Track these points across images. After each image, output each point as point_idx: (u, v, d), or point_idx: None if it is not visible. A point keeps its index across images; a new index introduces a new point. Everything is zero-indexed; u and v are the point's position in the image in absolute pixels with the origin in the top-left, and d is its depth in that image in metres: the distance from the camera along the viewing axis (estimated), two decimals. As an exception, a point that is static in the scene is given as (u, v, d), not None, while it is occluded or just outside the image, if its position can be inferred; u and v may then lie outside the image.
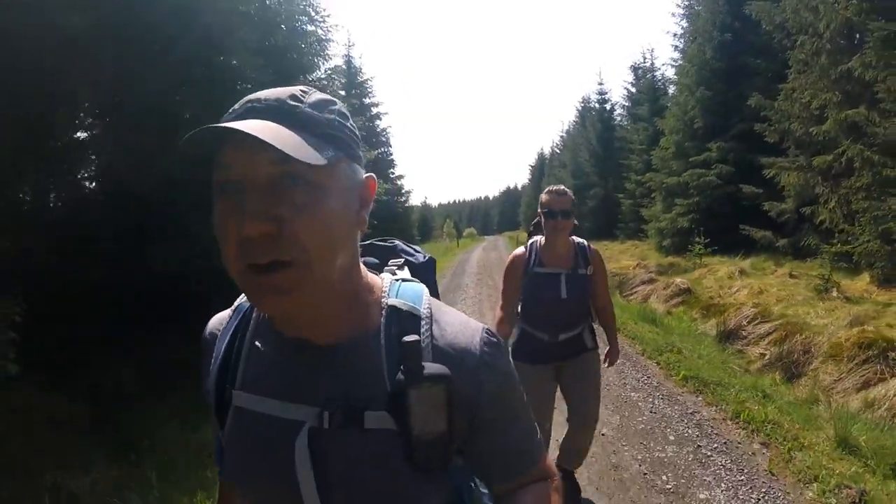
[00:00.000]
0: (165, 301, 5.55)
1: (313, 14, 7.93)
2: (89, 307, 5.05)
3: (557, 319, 3.32)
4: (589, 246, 3.40)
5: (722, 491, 3.97)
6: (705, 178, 17.44)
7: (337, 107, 0.88)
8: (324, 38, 8.31)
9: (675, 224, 18.63)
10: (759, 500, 3.84)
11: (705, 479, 4.15)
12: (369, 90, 26.13)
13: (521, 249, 3.44)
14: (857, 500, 3.66)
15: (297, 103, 0.83)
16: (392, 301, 0.95)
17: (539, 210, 3.32)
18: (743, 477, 4.14)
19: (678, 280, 11.77)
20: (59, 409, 4.63)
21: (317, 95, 0.87)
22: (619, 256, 19.70)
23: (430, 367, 0.86)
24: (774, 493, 3.90)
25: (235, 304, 1.06)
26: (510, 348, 3.34)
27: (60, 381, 4.74)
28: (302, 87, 0.86)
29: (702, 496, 3.93)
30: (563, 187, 3.33)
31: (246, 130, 0.72)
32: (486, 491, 1.12)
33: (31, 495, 3.86)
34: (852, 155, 10.56)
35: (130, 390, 5.06)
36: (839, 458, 4.31)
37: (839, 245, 10.61)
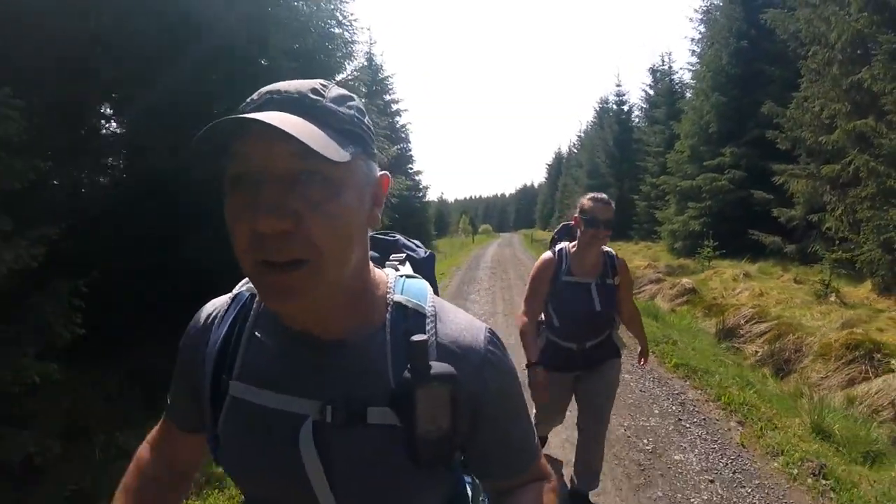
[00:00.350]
0: (177, 294, 5.63)
1: (341, 18, 8.20)
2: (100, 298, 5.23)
3: (587, 329, 3.25)
4: (616, 255, 3.31)
5: (695, 455, 4.48)
6: (718, 182, 17.69)
7: (355, 102, 0.88)
8: (350, 40, 8.60)
9: (687, 227, 18.91)
10: (727, 465, 4.31)
11: (682, 445, 4.67)
12: (390, 87, 26.37)
13: (549, 255, 3.28)
14: (818, 472, 4.10)
15: (317, 97, 0.82)
16: (397, 298, 0.95)
17: (578, 216, 3.14)
18: (715, 446, 4.63)
19: (684, 280, 12.10)
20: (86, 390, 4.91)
21: (337, 90, 0.86)
22: (631, 257, 19.92)
23: (438, 367, 0.86)
24: (742, 461, 4.37)
25: (234, 291, 1.04)
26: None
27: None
28: (322, 81, 0.85)
29: (676, 457, 4.45)
30: (606, 196, 3.16)
31: (271, 122, 0.71)
32: (471, 484, 1.15)
33: (82, 452, 4.22)
34: (858, 165, 10.71)
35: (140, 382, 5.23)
36: (810, 440, 4.73)
37: (840, 252, 10.88)
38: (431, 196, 41.27)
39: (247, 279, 0.99)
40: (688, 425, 5.08)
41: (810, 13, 12.94)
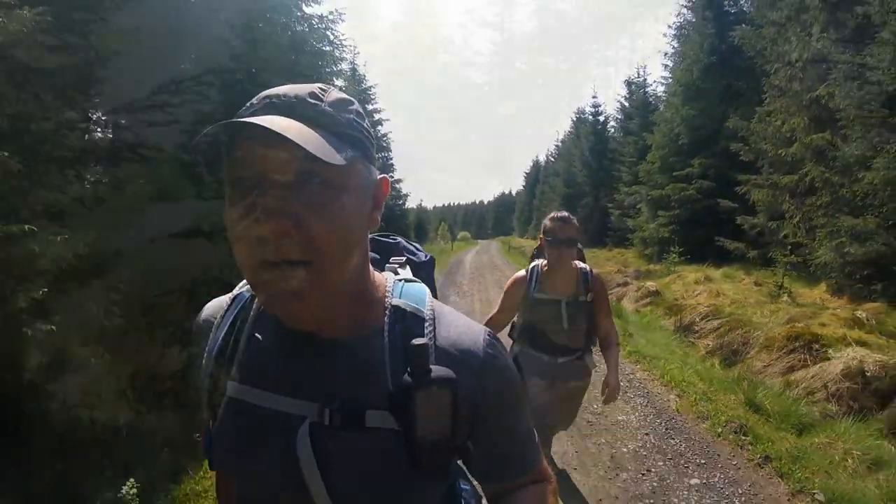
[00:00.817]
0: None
1: (332, 38, 8.87)
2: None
3: (557, 345, 3.28)
4: (591, 271, 3.28)
5: (635, 416, 5.29)
6: (686, 192, 18.24)
7: (354, 106, 0.88)
8: (338, 57, 9.34)
9: (657, 234, 19.40)
10: (662, 423, 5.08)
11: (625, 409, 5.47)
12: (372, 97, 26.62)
13: (522, 273, 3.33)
14: (739, 430, 4.82)
15: (316, 101, 0.82)
16: (396, 301, 0.95)
17: (542, 236, 3.21)
18: (654, 410, 5.41)
19: (649, 284, 12.73)
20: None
21: (336, 94, 0.86)
22: (604, 263, 20.48)
23: (437, 371, 0.86)
24: (675, 422, 5.11)
25: (234, 292, 1.03)
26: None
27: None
28: (321, 85, 0.86)
29: (620, 417, 5.26)
30: (567, 213, 3.19)
31: (269, 126, 0.72)
32: (467, 487, 1.11)
33: (108, 434, 4.50)
34: (814, 175, 11.39)
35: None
36: (739, 410, 5.38)
37: (793, 256, 11.47)
38: (411, 203, 41.36)
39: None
40: (632, 396, 5.84)
41: (775, 32, 13.62)
